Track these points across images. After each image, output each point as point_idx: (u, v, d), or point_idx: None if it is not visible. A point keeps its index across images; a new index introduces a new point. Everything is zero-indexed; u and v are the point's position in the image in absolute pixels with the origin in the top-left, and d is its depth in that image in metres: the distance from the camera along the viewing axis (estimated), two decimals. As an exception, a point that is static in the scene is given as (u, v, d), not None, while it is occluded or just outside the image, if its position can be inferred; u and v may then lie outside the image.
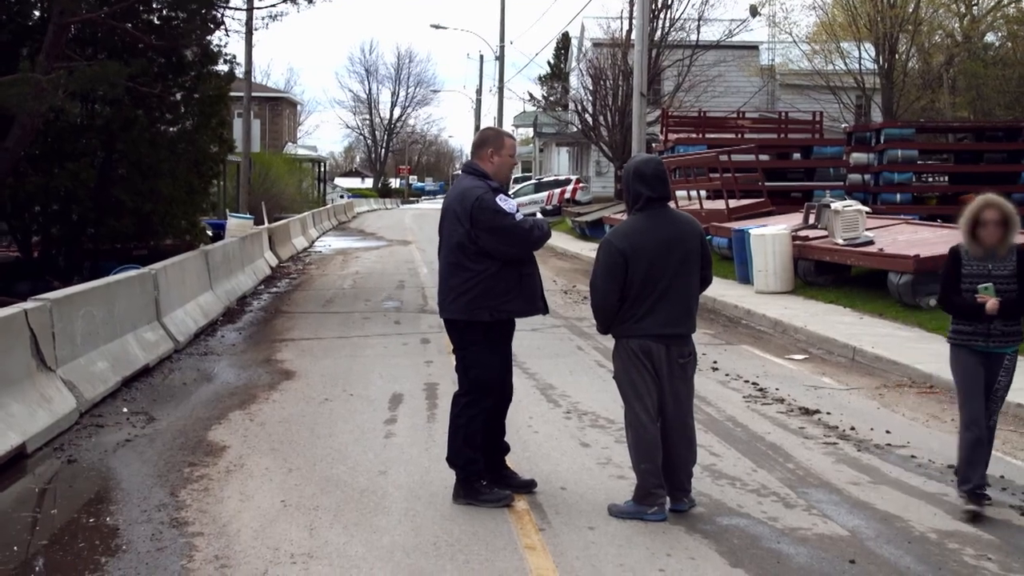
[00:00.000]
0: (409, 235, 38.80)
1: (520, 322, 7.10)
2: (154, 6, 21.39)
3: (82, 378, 9.56)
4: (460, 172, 7.32)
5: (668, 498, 6.56)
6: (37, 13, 20.52)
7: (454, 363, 7.01)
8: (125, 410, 9.63)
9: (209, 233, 26.21)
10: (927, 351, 12.00)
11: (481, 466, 6.87)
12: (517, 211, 6.70)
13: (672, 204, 6.94)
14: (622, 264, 6.39)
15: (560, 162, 65.67)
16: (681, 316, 6.50)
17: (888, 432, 8.80)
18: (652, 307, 6.40)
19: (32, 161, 20.21)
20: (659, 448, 6.52)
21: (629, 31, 37.34)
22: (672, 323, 6.45)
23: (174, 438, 8.62)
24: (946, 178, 26.73)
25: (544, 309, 6.98)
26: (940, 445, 8.40)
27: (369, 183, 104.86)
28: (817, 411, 9.58)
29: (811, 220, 19.21)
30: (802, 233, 18.69)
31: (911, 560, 5.88)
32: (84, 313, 10.13)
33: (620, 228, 6.65)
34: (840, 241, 17.13)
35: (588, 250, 29.43)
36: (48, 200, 20.91)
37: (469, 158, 7.18)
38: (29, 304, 9.15)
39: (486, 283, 6.66)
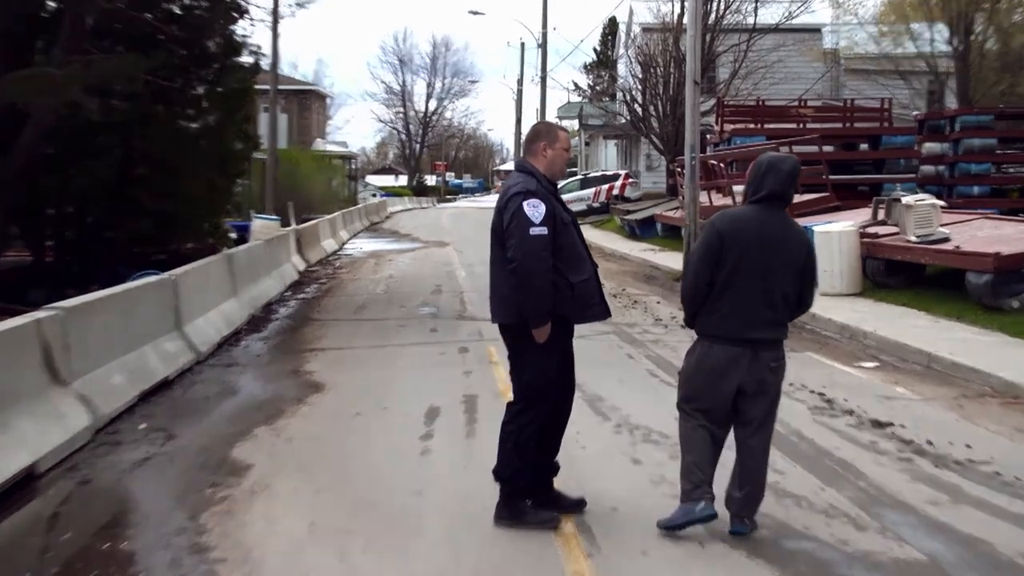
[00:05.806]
0: (446, 236, 38.78)
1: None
2: (175, -6, 21.58)
3: (97, 392, 9.57)
4: (512, 170, 7.22)
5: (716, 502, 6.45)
6: (53, 4, 20.70)
7: (508, 370, 6.89)
8: (143, 426, 9.64)
9: (232, 236, 26.37)
10: (1011, 358, 11.80)
11: (526, 481, 6.79)
12: (542, 224, 6.48)
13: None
14: (717, 246, 6.34)
15: (607, 156, 65.65)
16: (766, 321, 6.37)
17: (969, 447, 8.63)
18: (735, 305, 6.31)
19: (46, 160, 20.39)
20: (708, 444, 6.45)
21: (681, 14, 37.21)
22: (753, 327, 6.34)
23: (195, 456, 8.62)
24: (1029, 169, 26.42)
25: (600, 315, 6.87)
26: (1027, 461, 8.24)
27: (403, 181, 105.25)
28: (890, 423, 9.42)
29: (880, 216, 18.97)
30: (871, 230, 18.48)
31: (997, 588, 5.75)
32: (100, 323, 10.16)
33: (729, 211, 6.65)
34: (913, 238, 16.92)
35: (638, 251, 29.30)
36: (63, 202, 21.12)
37: (522, 156, 7.11)
38: (41, 313, 9.17)
39: None
